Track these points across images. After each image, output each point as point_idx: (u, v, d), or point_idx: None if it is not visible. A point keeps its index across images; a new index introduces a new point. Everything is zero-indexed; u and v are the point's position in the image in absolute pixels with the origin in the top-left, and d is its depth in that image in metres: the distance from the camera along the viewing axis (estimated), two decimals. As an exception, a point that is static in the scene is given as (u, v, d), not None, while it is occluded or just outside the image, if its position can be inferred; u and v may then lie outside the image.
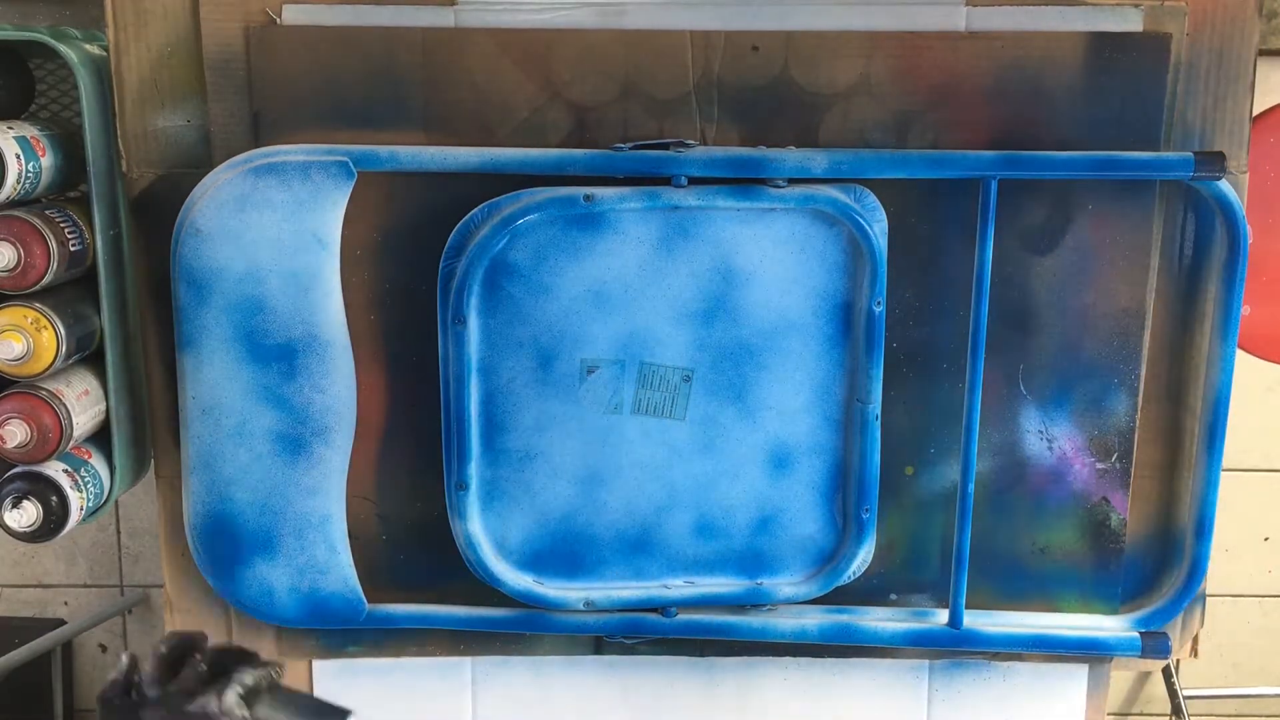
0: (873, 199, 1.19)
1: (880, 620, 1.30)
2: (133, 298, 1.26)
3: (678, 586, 1.28)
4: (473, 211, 1.19)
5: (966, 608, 1.27)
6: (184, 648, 0.87)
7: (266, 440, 1.23)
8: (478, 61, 1.19)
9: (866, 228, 1.18)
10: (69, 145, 1.21)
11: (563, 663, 1.35)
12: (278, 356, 1.21)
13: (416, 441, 1.26)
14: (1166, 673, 1.99)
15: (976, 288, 1.21)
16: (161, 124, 1.20)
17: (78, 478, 1.23)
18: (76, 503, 1.22)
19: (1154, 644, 1.29)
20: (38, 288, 1.16)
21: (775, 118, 1.20)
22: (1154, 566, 1.32)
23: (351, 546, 1.27)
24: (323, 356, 1.22)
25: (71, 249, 1.18)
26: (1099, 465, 1.28)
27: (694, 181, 1.18)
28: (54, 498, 1.20)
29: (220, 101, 1.19)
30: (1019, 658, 1.33)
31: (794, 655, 1.34)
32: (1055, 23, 1.19)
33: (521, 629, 1.30)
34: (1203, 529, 1.28)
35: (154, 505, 1.30)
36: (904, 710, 1.37)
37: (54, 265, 1.15)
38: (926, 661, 1.35)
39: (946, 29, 1.19)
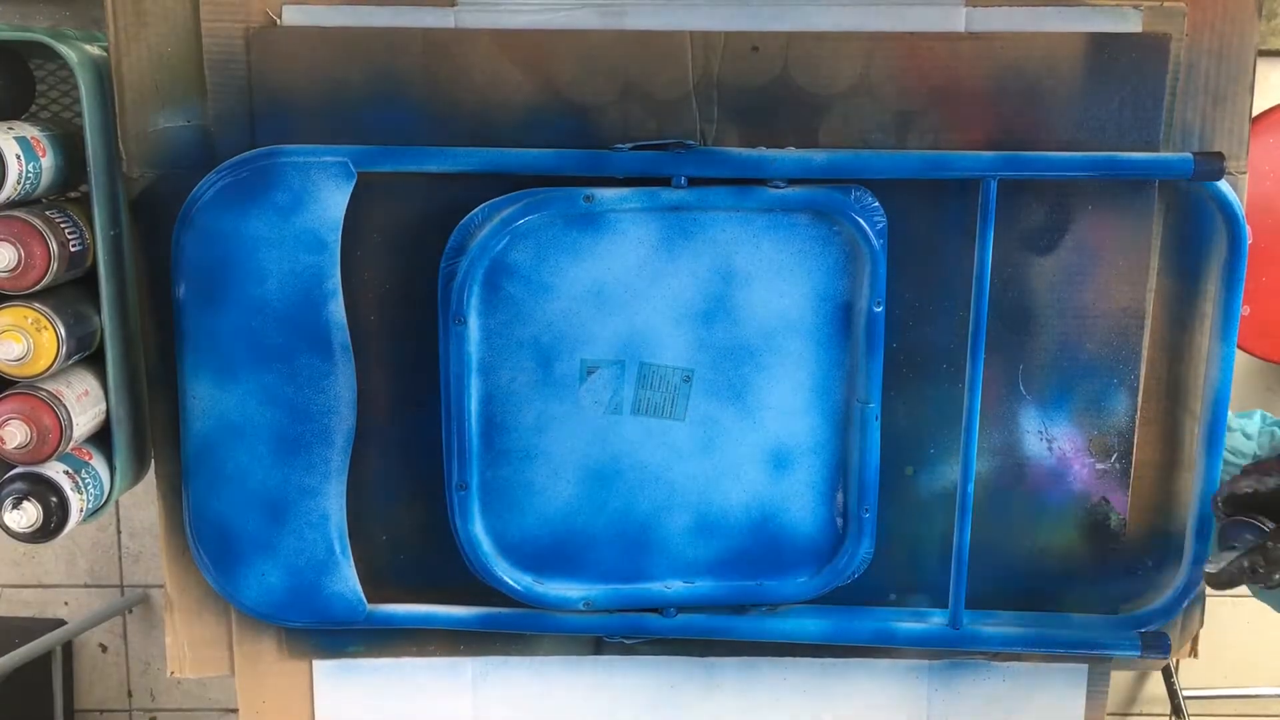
0: (873, 199, 1.19)
1: (879, 620, 1.30)
2: (133, 298, 1.26)
3: (678, 586, 1.28)
4: (473, 211, 1.19)
5: (966, 608, 1.27)
6: None
7: (266, 440, 1.23)
8: (478, 61, 1.19)
9: (866, 228, 1.18)
10: (69, 145, 1.21)
11: (563, 663, 1.35)
12: (278, 356, 1.22)
13: (417, 441, 1.26)
14: (1166, 673, 2.00)
15: (976, 288, 1.21)
16: (161, 124, 1.21)
17: (78, 479, 1.23)
18: (77, 504, 1.22)
19: (1154, 644, 1.29)
20: (38, 288, 1.16)
21: (775, 118, 1.20)
22: (1154, 566, 1.32)
23: (351, 546, 1.27)
24: (323, 356, 1.22)
25: (72, 249, 1.18)
26: (1099, 465, 1.28)
27: (694, 182, 1.18)
28: (54, 499, 1.20)
29: (220, 102, 1.19)
30: (1019, 658, 1.33)
31: (794, 655, 1.34)
32: (1055, 23, 1.19)
33: (521, 629, 1.30)
34: (1203, 529, 1.28)
35: (154, 505, 1.30)
36: (904, 710, 1.37)
37: (54, 265, 1.15)
38: (926, 661, 1.35)
39: (946, 29, 1.19)
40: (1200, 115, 1.21)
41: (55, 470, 1.22)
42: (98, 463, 1.27)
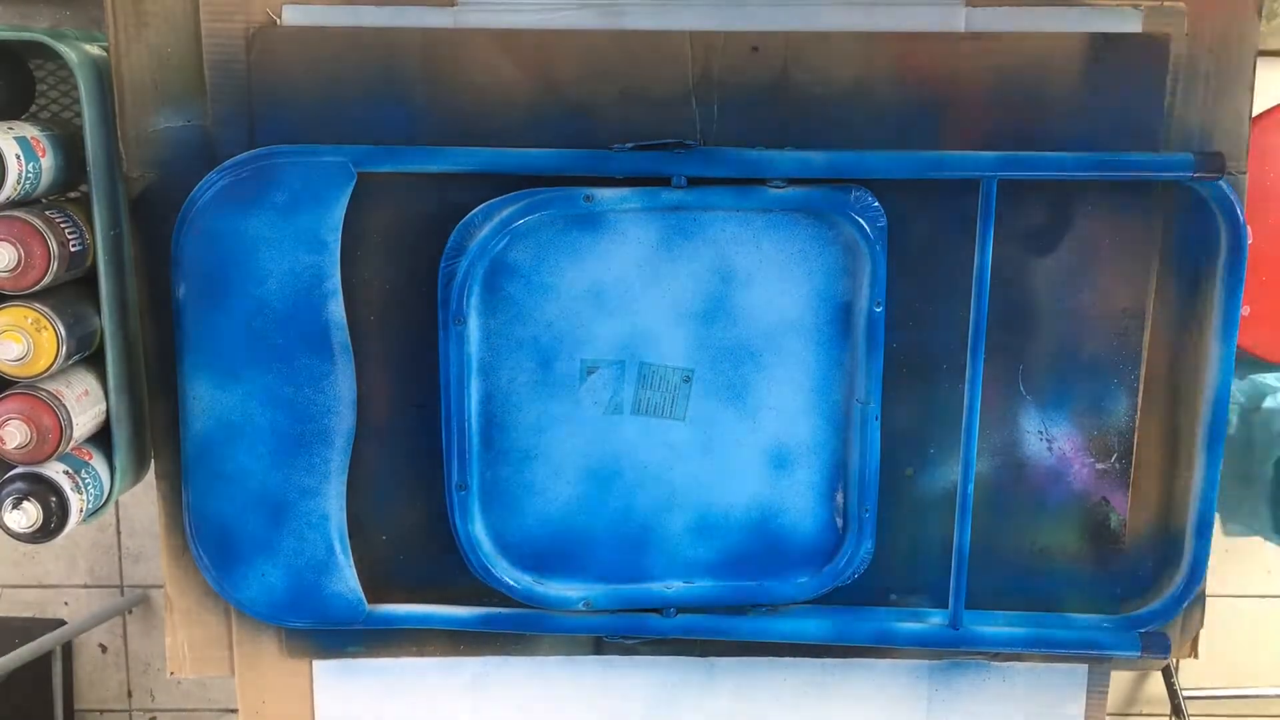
0: (873, 199, 1.19)
1: (879, 620, 1.30)
2: (133, 298, 1.26)
3: (678, 586, 1.28)
4: (473, 212, 1.19)
5: (966, 608, 1.27)
6: None
7: (266, 440, 1.23)
8: (478, 61, 1.19)
9: (866, 228, 1.18)
10: (69, 145, 1.21)
11: (563, 663, 1.35)
12: (278, 357, 1.22)
13: (417, 441, 1.26)
14: (1166, 673, 2.00)
15: (976, 288, 1.21)
16: (161, 124, 1.21)
17: (78, 479, 1.23)
18: (77, 504, 1.22)
19: (1154, 644, 1.29)
20: (38, 288, 1.16)
21: (775, 118, 1.20)
22: (1154, 566, 1.32)
23: (351, 546, 1.27)
24: (323, 356, 1.22)
25: (72, 249, 1.18)
26: (1099, 465, 1.28)
27: (693, 182, 1.18)
28: (54, 499, 1.20)
29: (220, 102, 1.19)
30: (1019, 658, 1.33)
31: (794, 655, 1.34)
32: (1055, 23, 1.19)
33: (521, 629, 1.30)
34: (1203, 529, 1.28)
35: (154, 505, 1.30)
36: (904, 710, 1.37)
37: (54, 266, 1.15)
38: (926, 662, 1.35)
39: (946, 29, 1.19)
40: (1200, 115, 1.21)
41: (55, 470, 1.22)
42: (98, 463, 1.27)
